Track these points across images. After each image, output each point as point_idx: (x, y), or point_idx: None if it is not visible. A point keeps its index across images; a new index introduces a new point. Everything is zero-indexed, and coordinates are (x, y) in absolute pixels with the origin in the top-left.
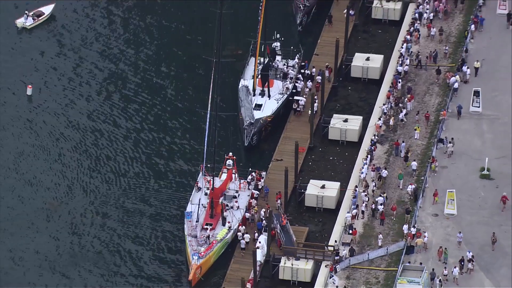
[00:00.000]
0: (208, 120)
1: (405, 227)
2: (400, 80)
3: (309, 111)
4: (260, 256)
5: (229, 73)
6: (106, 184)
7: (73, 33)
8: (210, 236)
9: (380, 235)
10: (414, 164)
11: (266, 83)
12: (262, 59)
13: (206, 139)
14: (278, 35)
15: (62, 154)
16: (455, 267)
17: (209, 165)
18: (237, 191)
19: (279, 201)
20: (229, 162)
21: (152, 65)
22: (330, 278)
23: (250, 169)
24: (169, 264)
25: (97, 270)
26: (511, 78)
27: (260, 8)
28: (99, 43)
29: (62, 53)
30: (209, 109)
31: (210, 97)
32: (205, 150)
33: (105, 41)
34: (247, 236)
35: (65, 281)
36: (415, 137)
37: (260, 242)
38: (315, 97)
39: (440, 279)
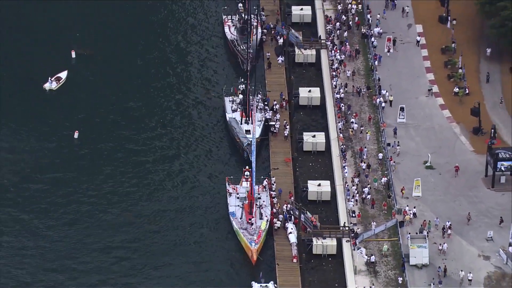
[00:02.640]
0: (253, 144)
1: (407, 208)
2: (342, 104)
3: (285, 132)
4: (294, 238)
5: (211, 108)
6: (159, 194)
7: (89, 88)
8: (255, 227)
9: (374, 222)
10: (380, 155)
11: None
12: (234, 97)
13: (254, 158)
14: (242, 79)
15: (116, 172)
16: (444, 243)
17: (232, 177)
18: (259, 194)
19: (292, 198)
20: (247, 173)
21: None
22: (358, 249)
23: (262, 177)
24: (229, 252)
25: (173, 264)
26: (415, 97)
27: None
28: (117, 89)
29: (86, 104)
30: (253, 136)
31: (252, 128)
32: (253, 166)
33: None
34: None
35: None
36: (367, 138)
37: (292, 229)
38: (285, 121)
39: (427, 231)
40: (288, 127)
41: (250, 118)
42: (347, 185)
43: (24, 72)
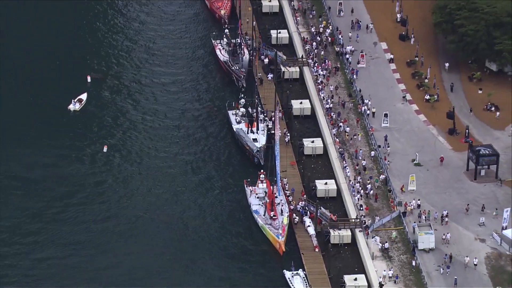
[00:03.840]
0: (277, 150)
1: (413, 202)
2: (332, 113)
3: (286, 139)
4: (312, 230)
5: (217, 121)
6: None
7: (107, 106)
8: (278, 222)
9: (377, 217)
10: (372, 153)
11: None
12: (236, 111)
13: (278, 162)
14: (242, 95)
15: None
16: (448, 233)
17: (249, 180)
18: (275, 193)
19: (305, 196)
20: (262, 176)
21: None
22: (372, 238)
23: (275, 178)
24: (258, 245)
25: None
26: (392, 104)
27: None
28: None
29: (108, 122)
30: (277, 142)
31: (278, 141)
32: (278, 169)
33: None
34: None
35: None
36: (359, 139)
37: (310, 222)
38: (285, 129)
39: (425, 217)
40: (288, 134)
41: (258, 128)
42: (351, 182)
43: (49, 97)
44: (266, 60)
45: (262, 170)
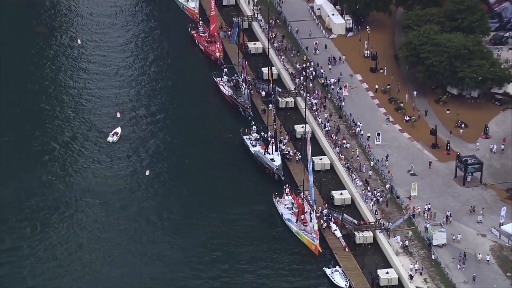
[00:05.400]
0: (309, 161)
1: (425, 206)
2: (332, 135)
3: (296, 157)
4: (339, 233)
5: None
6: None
7: (138, 137)
8: (310, 228)
9: (390, 223)
10: (371, 163)
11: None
12: (250, 136)
13: (311, 175)
14: (253, 122)
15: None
16: (458, 234)
17: (276, 193)
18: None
19: (326, 205)
20: (287, 190)
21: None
22: (394, 237)
23: (298, 191)
24: (295, 248)
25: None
26: (378, 125)
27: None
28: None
29: (143, 150)
30: (310, 163)
31: (310, 159)
32: (311, 183)
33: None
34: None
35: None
36: (357, 155)
37: (336, 227)
38: (295, 149)
39: (427, 215)
40: (299, 153)
41: (277, 150)
42: (363, 191)
43: (92, 131)
44: (263, 93)
45: (287, 185)
